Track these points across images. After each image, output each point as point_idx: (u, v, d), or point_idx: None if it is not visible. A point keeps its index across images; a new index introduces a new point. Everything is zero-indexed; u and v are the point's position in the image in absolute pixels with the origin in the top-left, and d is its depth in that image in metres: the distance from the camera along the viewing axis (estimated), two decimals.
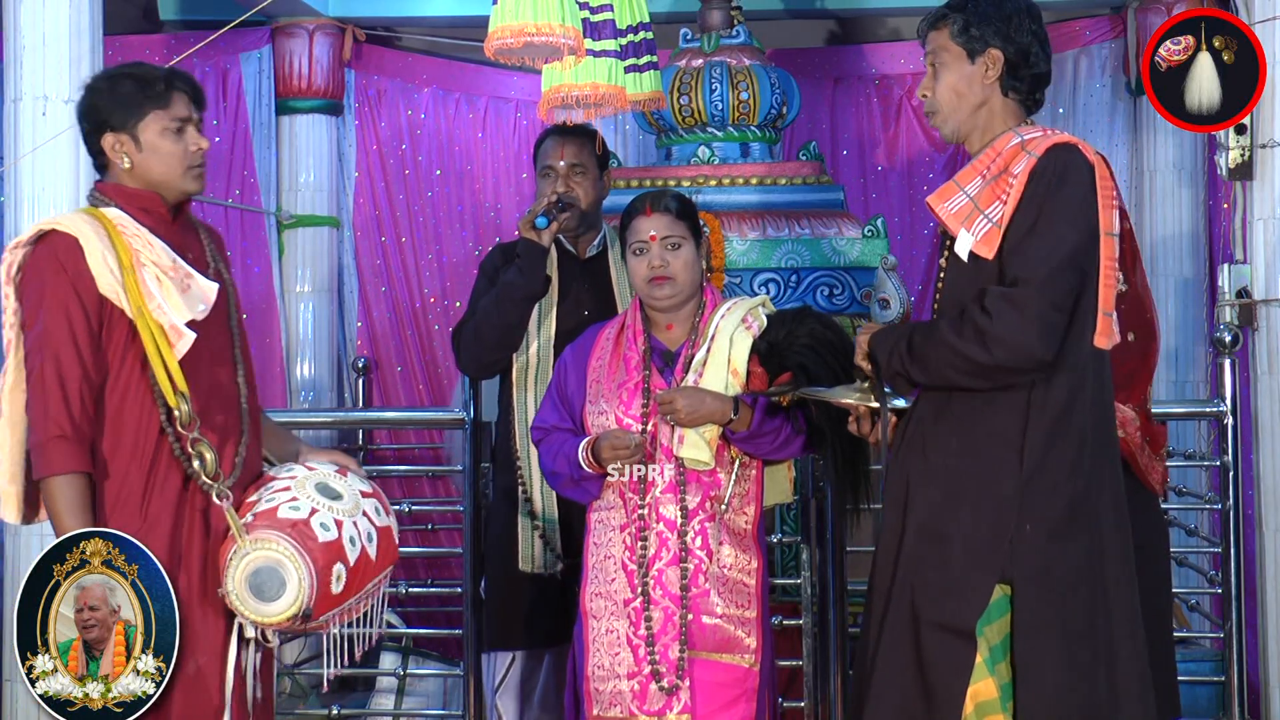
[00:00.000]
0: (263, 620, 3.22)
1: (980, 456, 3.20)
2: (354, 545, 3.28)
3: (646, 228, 3.81)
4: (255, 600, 3.20)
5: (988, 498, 3.18)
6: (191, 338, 3.28)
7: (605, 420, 3.78)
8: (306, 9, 7.68)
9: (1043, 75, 3.33)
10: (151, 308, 3.26)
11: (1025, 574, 3.16)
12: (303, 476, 3.36)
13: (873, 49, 8.17)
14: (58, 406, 3.21)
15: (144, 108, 3.35)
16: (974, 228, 3.22)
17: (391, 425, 7.66)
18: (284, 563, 3.18)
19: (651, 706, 3.69)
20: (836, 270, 5.90)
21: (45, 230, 3.30)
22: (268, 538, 3.20)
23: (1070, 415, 3.19)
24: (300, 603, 3.19)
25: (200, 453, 3.25)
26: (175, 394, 3.25)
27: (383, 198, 8.10)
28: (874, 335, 3.36)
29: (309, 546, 3.21)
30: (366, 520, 3.34)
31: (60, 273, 3.25)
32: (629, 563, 3.74)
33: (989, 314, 3.12)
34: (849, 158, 8.16)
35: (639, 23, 4.31)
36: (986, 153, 3.28)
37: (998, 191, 3.22)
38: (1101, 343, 3.22)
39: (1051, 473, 3.18)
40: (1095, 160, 3.22)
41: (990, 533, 3.17)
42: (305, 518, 3.25)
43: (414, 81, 8.12)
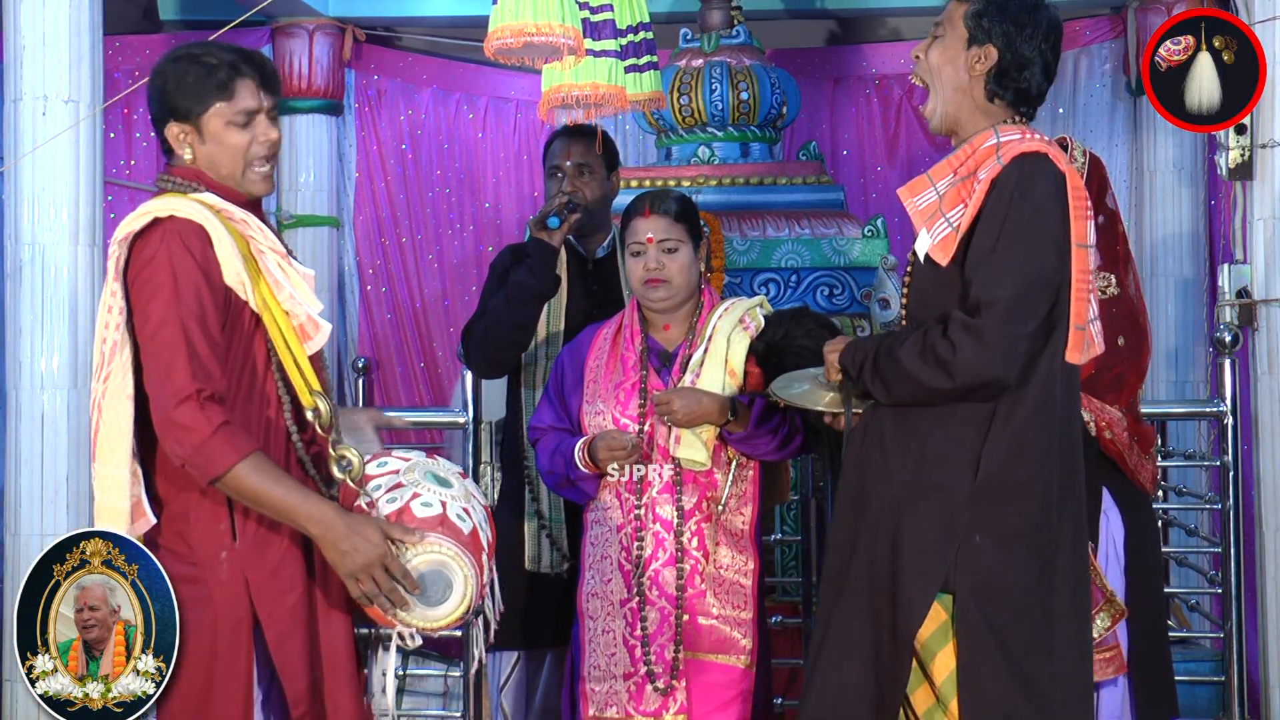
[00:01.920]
0: (431, 625, 3.01)
1: (936, 463, 3.14)
2: (484, 530, 3.06)
3: (644, 229, 3.81)
4: (423, 606, 2.98)
5: (938, 505, 3.12)
6: (328, 329, 3.02)
7: (602, 420, 3.78)
8: (306, 9, 7.68)
9: (1030, 93, 3.23)
10: (282, 298, 2.99)
11: (969, 584, 3.10)
12: (405, 468, 3.05)
13: (873, 49, 8.18)
14: (212, 398, 2.89)
15: (210, 98, 3.06)
16: (934, 229, 3.17)
17: (391, 425, 7.65)
18: (449, 563, 2.96)
19: (647, 707, 3.69)
20: (836, 270, 5.90)
21: (160, 217, 2.98)
22: (425, 540, 2.95)
23: (1033, 430, 3.13)
24: (469, 599, 2.98)
25: (342, 456, 2.97)
26: (311, 393, 2.97)
27: (383, 198, 8.10)
28: (844, 349, 3.28)
29: (463, 542, 2.97)
30: (477, 502, 3.09)
31: (186, 260, 2.93)
32: (625, 563, 3.74)
33: (952, 344, 3.05)
34: (849, 158, 8.16)
35: (639, 23, 4.31)
36: (964, 148, 3.22)
37: (963, 193, 3.15)
38: (1074, 358, 3.15)
39: (1007, 487, 3.12)
40: (1067, 170, 3.14)
41: (938, 540, 3.11)
42: (443, 513, 2.99)
43: (414, 81, 8.12)
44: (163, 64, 3.13)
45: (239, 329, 2.99)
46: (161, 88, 3.09)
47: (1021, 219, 3.07)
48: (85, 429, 5.09)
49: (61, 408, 5.06)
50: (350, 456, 2.97)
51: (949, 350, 3.05)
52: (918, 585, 3.11)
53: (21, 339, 5.11)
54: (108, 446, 3.02)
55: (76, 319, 5.07)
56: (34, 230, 5.08)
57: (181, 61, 3.10)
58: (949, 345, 3.05)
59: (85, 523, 4.71)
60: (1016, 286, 3.05)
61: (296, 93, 7.78)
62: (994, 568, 3.11)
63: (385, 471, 3.05)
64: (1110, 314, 3.69)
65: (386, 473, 3.05)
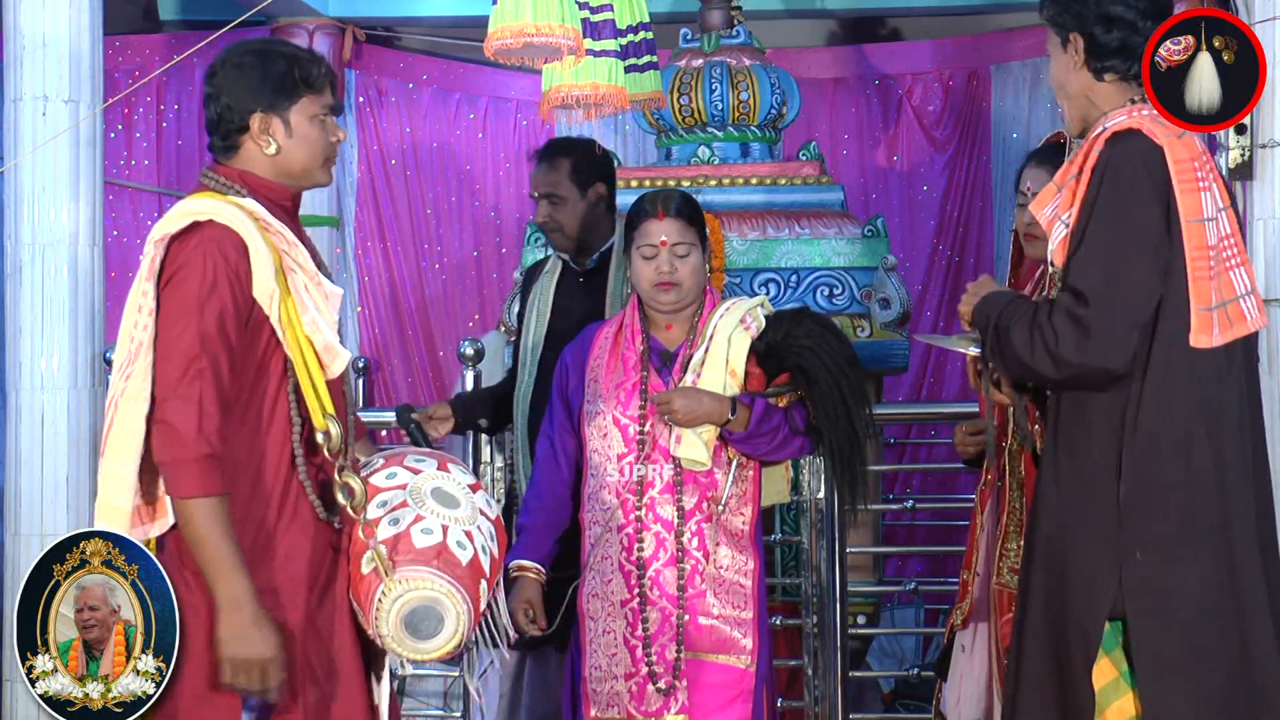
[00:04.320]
0: (421, 657, 3.00)
1: (1086, 484, 3.02)
2: (486, 554, 3.03)
3: (657, 232, 3.80)
4: (413, 640, 2.97)
5: (1094, 526, 2.98)
6: (348, 357, 3.01)
7: (603, 420, 3.78)
8: (306, 9, 7.68)
9: (1132, 46, 3.08)
10: (305, 320, 2.96)
11: (1141, 607, 2.94)
12: (413, 484, 3.02)
13: (873, 49, 8.18)
14: (211, 421, 2.88)
15: (299, 90, 3.04)
16: (1054, 233, 3.07)
17: (392, 425, 7.65)
18: (441, 600, 2.94)
19: (649, 707, 3.69)
20: (836, 270, 5.90)
21: (199, 220, 2.93)
22: (418, 576, 2.94)
23: (1163, 426, 2.98)
24: (460, 634, 2.97)
25: (346, 483, 2.95)
26: (325, 416, 2.95)
27: (383, 198, 8.11)
28: (977, 305, 3.16)
29: (458, 575, 2.95)
30: (485, 520, 3.07)
31: (219, 269, 2.90)
32: (626, 563, 3.74)
33: (1055, 332, 2.95)
34: (849, 158, 8.17)
35: (639, 23, 4.31)
36: (1082, 146, 3.09)
37: (1074, 191, 3.04)
38: (1201, 341, 2.97)
39: (1151, 491, 2.97)
40: (1166, 143, 3.00)
41: (1097, 565, 2.97)
42: (442, 541, 2.97)
43: (414, 81, 8.13)
44: (240, 56, 3.07)
45: (257, 342, 2.96)
46: (245, 79, 3.03)
47: (1109, 203, 2.97)
48: (85, 429, 5.10)
49: (61, 408, 5.06)
50: (354, 485, 2.95)
51: (1053, 339, 2.95)
52: (1089, 616, 2.96)
53: (21, 339, 5.11)
54: (118, 444, 2.99)
55: (76, 319, 5.07)
56: (34, 230, 5.08)
57: (267, 55, 3.06)
58: (1053, 333, 2.96)
59: (85, 523, 4.70)
60: (1110, 275, 2.95)
61: None
62: (1163, 582, 2.95)
63: (393, 485, 3.02)
64: None
65: (394, 487, 3.02)
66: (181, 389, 2.89)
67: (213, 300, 2.90)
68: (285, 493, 3.00)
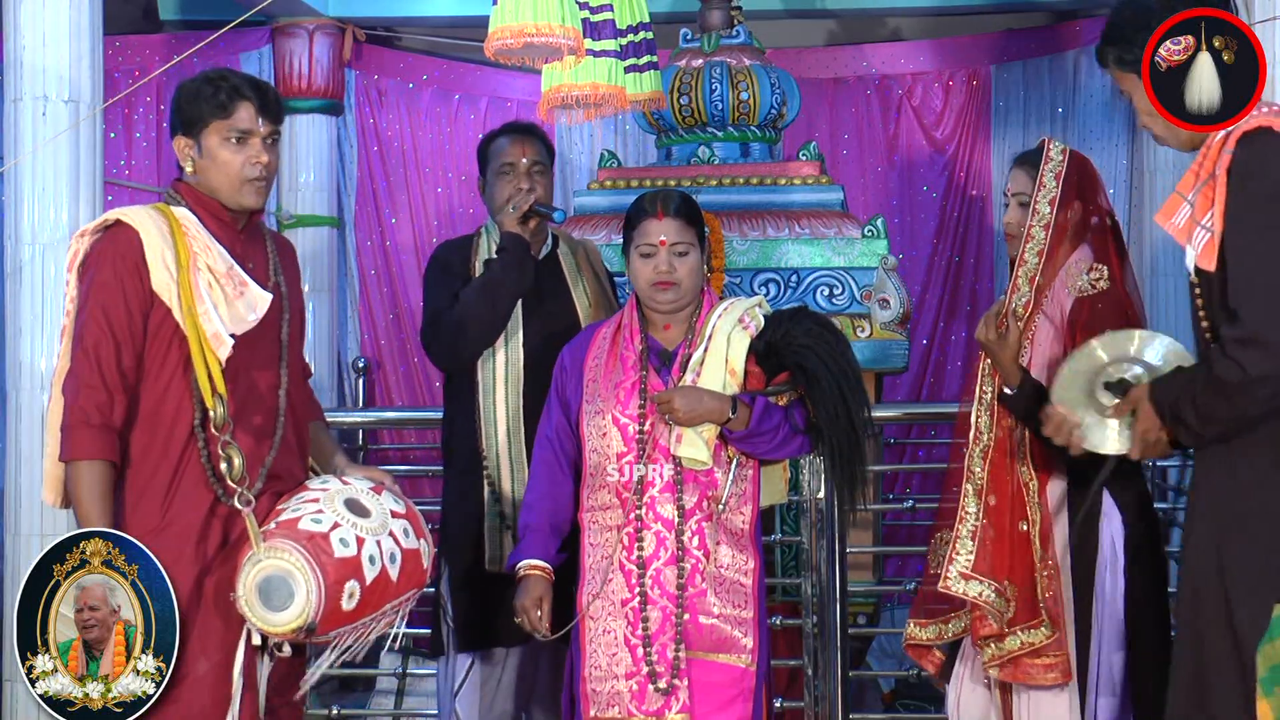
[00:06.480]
0: (268, 629, 3.18)
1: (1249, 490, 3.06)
2: (373, 564, 3.25)
3: (657, 231, 3.80)
4: (263, 608, 3.16)
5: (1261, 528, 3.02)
6: (230, 345, 3.30)
7: (602, 420, 3.78)
8: (306, 9, 7.69)
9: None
10: (200, 311, 3.29)
11: None
12: (334, 490, 3.34)
13: (873, 49, 8.18)
14: (89, 393, 3.24)
15: (205, 115, 3.38)
16: (1194, 239, 3.06)
17: (392, 425, 7.66)
18: (294, 573, 3.15)
19: (649, 707, 3.69)
20: (836, 270, 5.90)
21: (112, 221, 3.35)
22: (282, 547, 3.17)
23: None
24: (306, 616, 3.15)
25: (229, 456, 3.25)
26: (213, 395, 3.26)
27: (383, 198, 8.11)
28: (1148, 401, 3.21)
29: (322, 560, 3.18)
30: (392, 541, 3.31)
31: (117, 263, 3.29)
32: (626, 563, 3.74)
33: (1237, 364, 2.95)
34: (849, 158, 8.17)
35: (639, 23, 4.31)
36: (1201, 150, 3.10)
37: (1210, 195, 3.02)
38: None
39: None
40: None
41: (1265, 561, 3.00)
42: (325, 531, 3.21)
43: (414, 81, 8.13)
44: (182, 82, 3.48)
45: (163, 331, 3.31)
46: (175, 102, 3.43)
47: (1253, 208, 2.97)
48: None
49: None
50: (234, 456, 3.25)
51: (1237, 372, 2.95)
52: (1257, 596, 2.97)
53: (21, 339, 5.11)
54: (52, 418, 3.34)
55: None
56: (34, 230, 5.09)
57: (196, 81, 3.44)
58: (1234, 367, 2.96)
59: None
60: (1264, 287, 2.95)
61: (296, 93, 7.78)
62: None
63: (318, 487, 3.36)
64: (1095, 309, 3.69)
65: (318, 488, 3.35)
66: (74, 366, 3.27)
67: (111, 290, 3.28)
68: (181, 464, 3.30)
